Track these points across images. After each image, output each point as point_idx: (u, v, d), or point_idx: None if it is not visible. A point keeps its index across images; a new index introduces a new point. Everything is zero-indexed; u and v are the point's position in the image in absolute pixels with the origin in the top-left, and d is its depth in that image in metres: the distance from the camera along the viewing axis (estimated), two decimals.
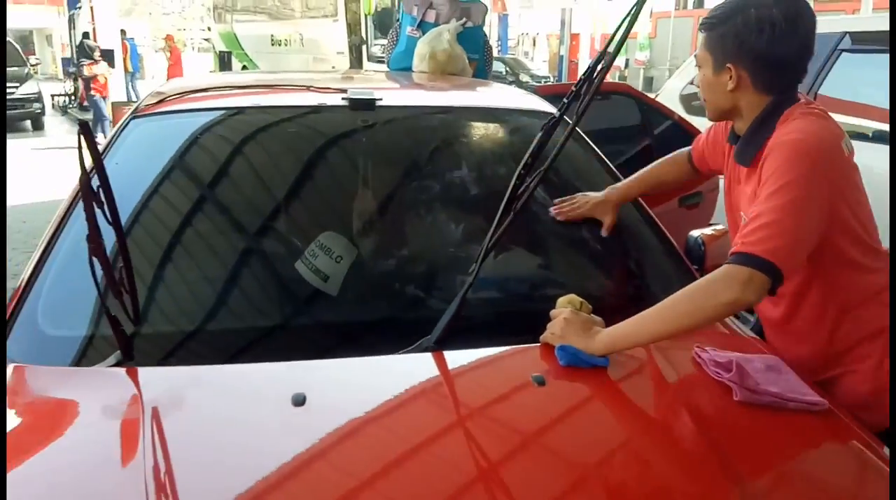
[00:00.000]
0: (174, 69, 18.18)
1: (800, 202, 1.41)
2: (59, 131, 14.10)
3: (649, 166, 1.99)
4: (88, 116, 13.84)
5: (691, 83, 4.65)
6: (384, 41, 3.96)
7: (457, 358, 1.40)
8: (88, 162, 1.17)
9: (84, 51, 10.85)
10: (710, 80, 1.58)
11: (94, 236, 1.17)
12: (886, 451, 1.28)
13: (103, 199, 1.14)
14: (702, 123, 3.76)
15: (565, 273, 1.88)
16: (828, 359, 1.61)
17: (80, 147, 1.11)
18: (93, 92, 11.62)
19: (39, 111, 14.44)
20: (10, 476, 1.08)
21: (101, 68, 11.65)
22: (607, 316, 1.47)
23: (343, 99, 1.98)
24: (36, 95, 14.30)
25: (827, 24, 4.08)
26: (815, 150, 1.45)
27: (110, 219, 1.18)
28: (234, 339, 1.54)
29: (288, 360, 1.42)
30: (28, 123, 14.37)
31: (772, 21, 1.48)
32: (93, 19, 13.75)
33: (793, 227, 1.39)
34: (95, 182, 1.16)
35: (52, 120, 15.46)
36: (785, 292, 1.55)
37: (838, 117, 1.59)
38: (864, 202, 1.56)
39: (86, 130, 1.09)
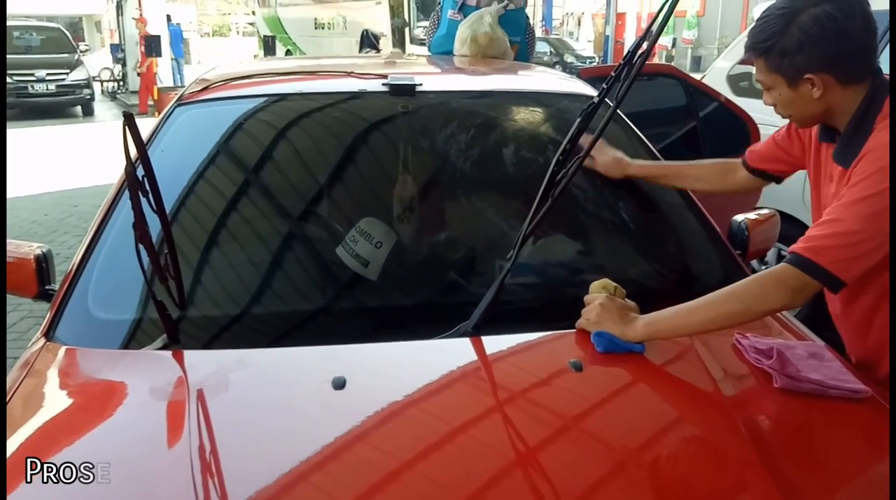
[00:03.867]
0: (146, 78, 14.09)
1: (884, 215, 1.33)
2: (109, 116, 14.44)
3: (687, 162, 1.90)
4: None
5: (740, 63, 4.53)
6: (426, 23, 3.95)
7: (494, 343, 1.41)
8: (134, 152, 1.21)
9: (370, 40, 10.76)
10: (789, 97, 1.48)
11: (140, 224, 1.21)
12: None
13: (148, 188, 1.17)
14: (750, 105, 3.69)
15: (604, 259, 1.87)
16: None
17: (125, 138, 1.14)
18: None
19: (89, 97, 14.74)
20: (62, 455, 1.12)
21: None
22: (648, 302, 1.46)
23: (383, 85, 1.99)
24: (86, 81, 14.61)
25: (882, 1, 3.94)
26: None
27: (155, 208, 1.21)
28: (276, 323, 1.58)
29: (329, 344, 1.45)
30: (79, 108, 14.73)
31: (827, 15, 1.39)
32: (140, 5, 13.98)
33: (870, 239, 1.33)
34: (141, 171, 1.19)
35: (101, 105, 15.81)
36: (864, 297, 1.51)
37: None
38: None
39: (130, 121, 1.12)
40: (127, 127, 1.12)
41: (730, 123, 3.42)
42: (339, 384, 1.24)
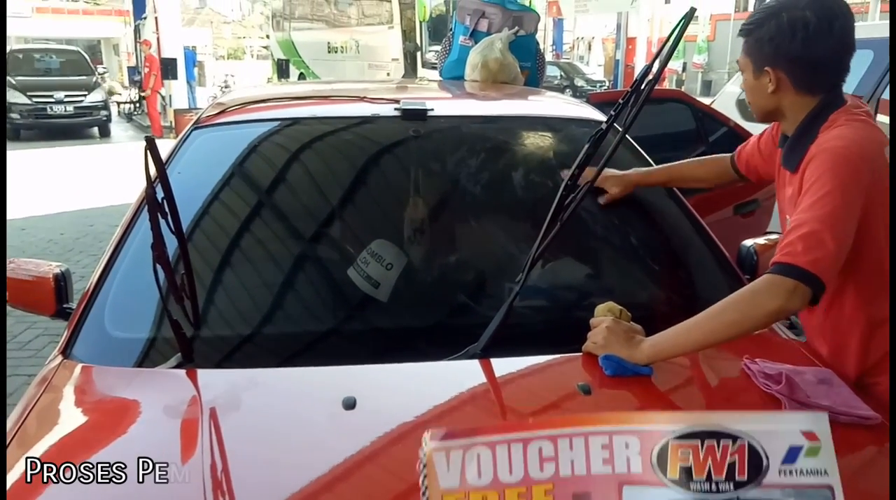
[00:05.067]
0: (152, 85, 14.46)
1: (839, 212, 1.41)
2: (125, 138, 14.61)
3: (684, 161, 2.03)
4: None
5: None
6: (438, 47, 4.00)
7: (503, 365, 1.42)
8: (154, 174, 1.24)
9: None
10: (751, 83, 1.61)
11: (159, 245, 1.24)
12: None
13: (167, 210, 1.20)
14: (759, 129, 3.70)
15: (612, 282, 1.88)
16: (862, 368, 1.59)
17: (146, 160, 1.17)
18: None
19: (106, 118, 14.98)
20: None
21: None
22: (657, 327, 1.47)
23: (395, 109, 2.02)
24: (103, 103, 14.85)
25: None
26: (857, 158, 1.44)
27: (174, 229, 1.24)
28: (288, 343, 1.60)
29: (340, 364, 1.46)
30: (95, 130, 14.93)
31: (805, 22, 1.49)
32: (157, 29, 14.19)
33: (832, 238, 1.39)
34: (160, 193, 1.22)
35: (117, 127, 16.01)
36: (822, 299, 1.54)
37: None
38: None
39: (152, 145, 1.15)
40: (148, 150, 1.15)
41: None
42: (350, 405, 1.26)
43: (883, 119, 3.71)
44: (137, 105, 17.79)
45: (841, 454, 1.27)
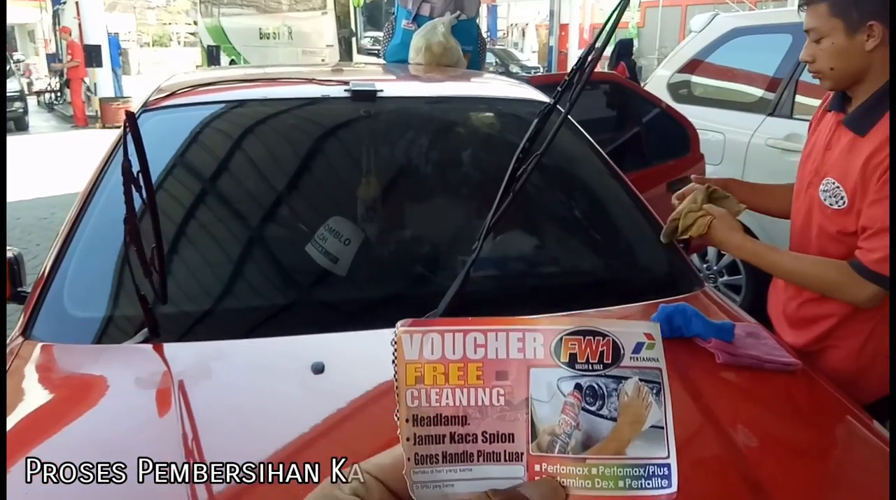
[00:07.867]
0: (75, 73, 14.10)
1: None
2: (47, 128, 13.93)
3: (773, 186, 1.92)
4: None
5: (679, 72, 4.74)
6: (373, 33, 4.04)
7: None
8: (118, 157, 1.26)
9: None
10: (842, 45, 1.47)
11: (132, 219, 1.26)
12: (858, 411, 1.39)
13: (142, 183, 1.23)
14: (689, 111, 3.87)
15: (560, 251, 1.98)
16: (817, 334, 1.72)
17: (124, 135, 1.20)
18: None
19: (22, 111, 13.62)
20: (49, 445, 1.17)
21: None
22: (595, 291, 1.57)
23: (346, 91, 2.07)
24: (18, 94, 13.52)
25: None
26: None
27: (147, 202, 1.27)
28: (252, 316, 1.64)
29: (303, 334, 1.52)
30: (11, 123, 13.84)
31: None
32: (78, 14, 13.69)
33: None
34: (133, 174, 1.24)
35: (37, 117, 15.29)
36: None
37: None
38: None
39: (132, 120, 1.18)
40: (128, 126, 1.18)
41: (671, 128, 3.60)
42: (319, 369, 1.32)
43: (802, 100, 3.92)
44: (59, 94, 17.10)
45: (766, 396, 1.42)
